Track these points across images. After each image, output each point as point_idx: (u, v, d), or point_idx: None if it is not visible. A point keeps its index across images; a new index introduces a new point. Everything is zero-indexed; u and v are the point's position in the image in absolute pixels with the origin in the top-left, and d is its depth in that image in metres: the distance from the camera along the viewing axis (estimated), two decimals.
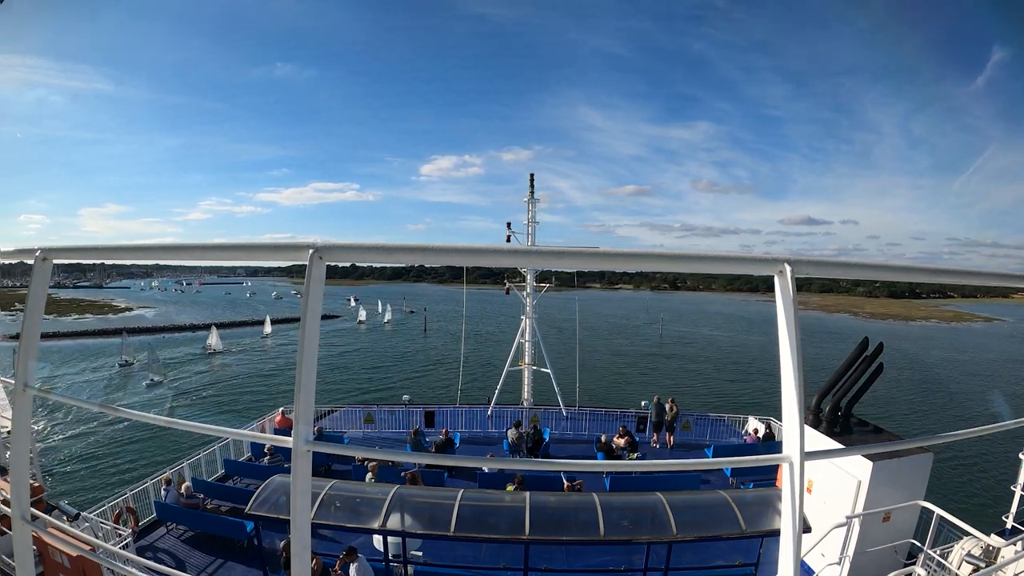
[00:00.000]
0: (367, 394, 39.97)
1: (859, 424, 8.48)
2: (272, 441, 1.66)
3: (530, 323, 19.60)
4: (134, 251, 1.84)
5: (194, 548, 9.42)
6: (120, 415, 1.84)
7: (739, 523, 7.34)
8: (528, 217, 19.40)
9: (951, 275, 1.56)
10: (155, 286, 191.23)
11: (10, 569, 6.54)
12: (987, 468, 24.66)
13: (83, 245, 1.79)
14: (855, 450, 1.71)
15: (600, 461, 4.52)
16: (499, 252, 1.37)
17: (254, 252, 1.56)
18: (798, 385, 1.30)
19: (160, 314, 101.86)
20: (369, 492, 8.37)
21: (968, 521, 5.85)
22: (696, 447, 15.67)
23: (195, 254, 1.59)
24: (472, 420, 17.30)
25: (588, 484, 11.04)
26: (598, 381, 42.96)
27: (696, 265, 1.39)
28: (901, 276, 1.54)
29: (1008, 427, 1.77)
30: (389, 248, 1.32)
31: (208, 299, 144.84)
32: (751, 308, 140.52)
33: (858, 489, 7.21)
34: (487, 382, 33.95)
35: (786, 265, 1.32)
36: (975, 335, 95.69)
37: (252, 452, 13.98)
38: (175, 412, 35.63)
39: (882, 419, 15.13)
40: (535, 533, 7.33)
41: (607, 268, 1.42)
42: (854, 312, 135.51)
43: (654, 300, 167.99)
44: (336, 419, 17.31)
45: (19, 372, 1.68)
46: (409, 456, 1.56)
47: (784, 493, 1.36)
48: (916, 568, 6.37)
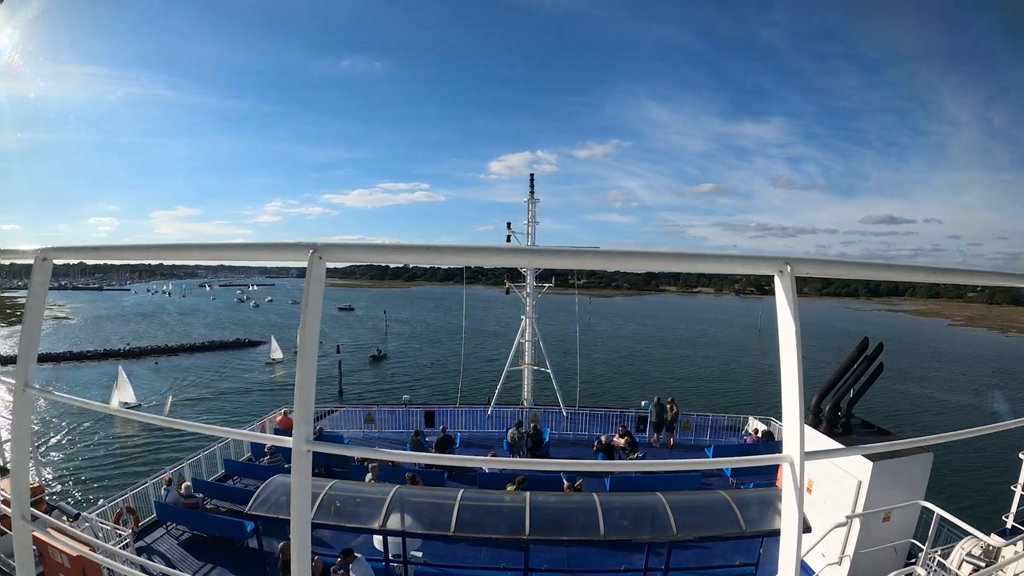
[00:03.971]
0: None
1: (859, 424, 8.48)
2: (272, 441, 1.66)
3: (530, 323, 19.62)
4: (134, 251, 1.84)
5: (194, 548, 9.42)
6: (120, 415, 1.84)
7: (739, 523, 7.34)
8: (528, 217, 19.42)
9: (951, 275, 1.56)
10: (166, 289, 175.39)
11: (10, 569, 6.54)
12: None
13: (83, 245, 1.79)
14: (855, 450, 1.71)
15: (600, 461, 4.53)
16: (499, 252, 1.37)
17: (254, 252, 1.56)
18: (798, 385, 1.30)
19: (76, 327, 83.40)
20: (369, 492, 8.36)
21: (968, 521, 5.84)
22: (696, 447, 15.68)
23: (195, 254, 1.59)
24: (472, 420, 17.30)
25: (588, 484, 11.05)
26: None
27: (696, 265, 1.39)
28: (901, 276, 1.54)
29: (1008, 427, 1.77)
30: (389, 248, 1.32)
31: (196, 304, 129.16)
32: (868, 317, 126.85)
33: (858, 489, 7.21)
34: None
35: (786, 265, 1.32)
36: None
37: (252, 452, 13.98)
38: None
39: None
40: (535, 533, 7.33)
41: (607, 268, 1.42)
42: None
43: (742, 306, 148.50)
44: (336, 419, 17.31)
45: (19, 372, 1.68)
46: (409, 456, 1.56)
47: (784, 493, 1.36)
48: (916, 568, 6.37)
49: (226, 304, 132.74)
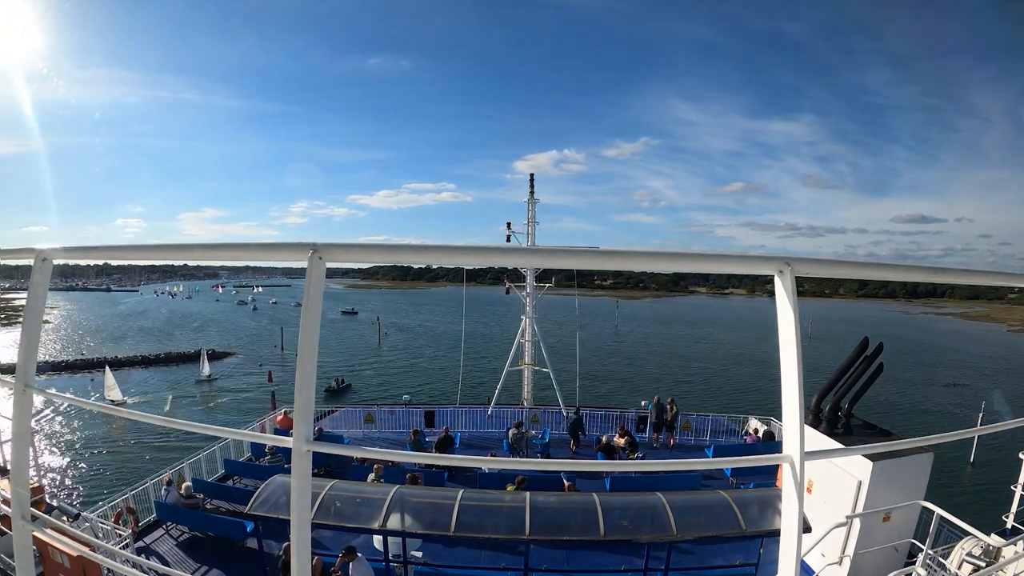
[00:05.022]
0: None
1: (859, 424, 8.48)
2: (272, 441, 1.66)
3: (530, 323, 19.62)
4: (133, 251, 1.84)
5: (194, 548, 9.41)
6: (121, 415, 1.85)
7: (739, 523, 7.34)
8: (528, 217, 19.43)
9: (951, 275, 1.56)
10: (172, 291, 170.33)
11: (10, 569, 6.54)
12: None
13: (83, 246, 1.79)
14: (855, 450, 1.71)
15: (600, 461, 4.52)
16: (499, 252, 1.37)
17: (254, 252, 1.57)
18: (798, 385, 1.30)
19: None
20: (369, 492, 8.37)
21: (968, 521, 5.84)
22: (696, 447, 15.68)
23: (195, 254, 1.60)
24: (472, 420, 17.30)
25: (588, 484, 11.04)
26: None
27: (696, 265, 1.39)
28: (901, 276, 1.54)
29: (1008, 427, 1.77)
30: (389, 248, 1.32)
31: (190, 307, 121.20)
32: (917, 321, 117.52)
33: (858, 489, 7.21)
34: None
35: (786, 265, 1.32)
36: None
37: (252, 452, 13.98)
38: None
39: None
40: (535, 533, 7.33)
41: (606, 268, 1.43)
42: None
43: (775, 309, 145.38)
44: (336, 419, 17.33)
45: (19, 372, 1.68)
46: (409, 456, 1.57)
47: (784, 493, 1.36)
48: (916, 568, 6.37)
49: (226, 307, 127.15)
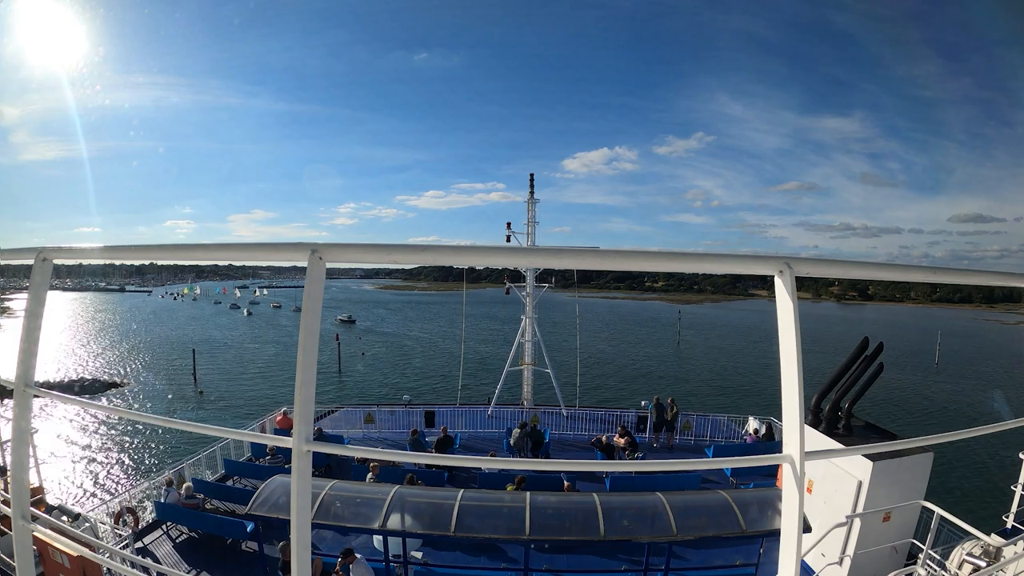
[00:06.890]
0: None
1: (859, 424, 8.48)
2: (272, 441, 1.67)
3: (530, 323, 19.62)
4: (134, 251, 1.84)
5: (194, 548, 9.41)
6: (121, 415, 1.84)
7: (739, 523, 7.34)
8: (528, 217, 19.43)
9: (951, 275, 1.56)
10: (187, 292, 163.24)
11: (10, 569, 6.55)
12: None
13: (83, 246, 1.79)
14: (855, 450, 1.71)
15: (600, 461, 4.52)
16: (499, 252, 1.37)
17: (254, 252, 1.57)
18: (798, 385, 1.30)
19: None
20: (369, 492, 8.37)
21: (968, 521, 5.84)
22: (696, 447, 15.67)
23: (195, 254, 1.60)
24: (472, 420, 17.30)
25: (588, 484, 11.04)
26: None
27: (696, 265, 1.39)
28: (901, 276, 1.54)
29: (1008, 427, 1.77)
30: (389, 248, 1.32)
31: (181, 309, 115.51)
32: (979, 327, 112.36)
33: (858, 489, 7.21)
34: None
35: (786, 265, 1.32)
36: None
37: (253, 452, 13.98)
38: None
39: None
40: (535, 533, 7.33)
41: (606, 268, 1.42)
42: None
43: (843, 315, 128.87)
44: (336, 419, 17.32)
45: (19, 372, 1.68)
46: (409, 456, 1.57)
47: (784, 493, 1.36)
48: (916, 568, 6.36)
49: (208, 311, 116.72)
